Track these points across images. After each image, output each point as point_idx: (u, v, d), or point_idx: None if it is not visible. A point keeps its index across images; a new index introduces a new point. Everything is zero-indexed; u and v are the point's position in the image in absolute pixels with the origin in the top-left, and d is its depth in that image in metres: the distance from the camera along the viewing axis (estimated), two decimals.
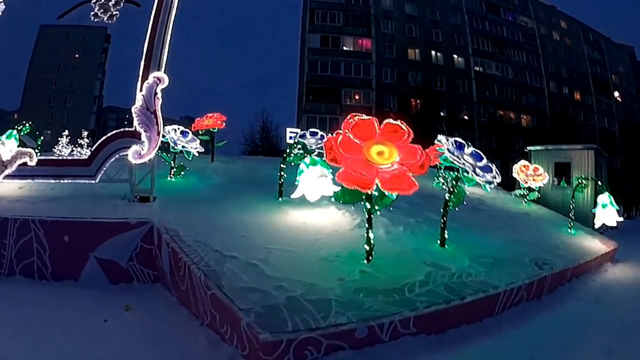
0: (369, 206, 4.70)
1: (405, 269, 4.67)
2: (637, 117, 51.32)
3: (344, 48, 45.01)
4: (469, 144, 5.83)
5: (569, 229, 9.22)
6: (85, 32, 53.21)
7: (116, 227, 5.12)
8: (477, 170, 5.47)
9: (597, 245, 8.64)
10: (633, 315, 5.10)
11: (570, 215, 9.53)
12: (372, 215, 4.76)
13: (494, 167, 5.76)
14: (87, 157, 6.25)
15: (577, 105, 51.23)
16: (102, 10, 6.79)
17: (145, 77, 6.01)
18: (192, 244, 4.49)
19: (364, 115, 4.81)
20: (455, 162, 5.33)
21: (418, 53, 46.36)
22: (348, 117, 4.73)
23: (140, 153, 5.84)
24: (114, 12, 6.82)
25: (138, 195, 5.97)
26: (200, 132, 9.70)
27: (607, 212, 8.51)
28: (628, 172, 34.13)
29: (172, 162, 7.81)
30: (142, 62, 6.16)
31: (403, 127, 4.82)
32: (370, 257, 4.71)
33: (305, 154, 5.74)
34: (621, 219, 8.80)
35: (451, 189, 5.72)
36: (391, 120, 4.82)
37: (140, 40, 6.34)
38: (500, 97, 47.17)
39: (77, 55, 54.89)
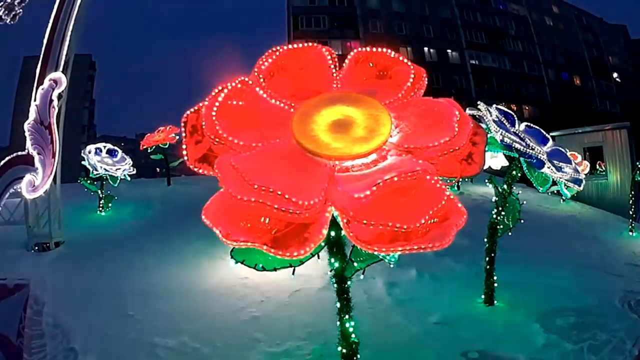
0: (337, 265, 2.22)
1: None
2: (636, 96, 49.76)
3: None
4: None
5: (629, 232, 7.40)
6: None
7: None
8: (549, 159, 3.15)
9: None
10: None
11: (631, 212, 7.66)
12: (347, 283, 2.31)
13: (568, 153, 3.59)
14: None
15: (578, 91, 49.72)
16: (5, 12, 5.83)
17: (40, 82, 4.53)
18: (47, 330, 2.98)
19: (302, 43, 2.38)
20: (516, 145, 2.98)
21: (410, 51, 44.59)
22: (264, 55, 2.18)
23: (34, 184, 4.31)
24: (18, 11, 5.74)
25: (36, 243, 4.42)
26: (149, 150, 8.11)
27: None
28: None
29: (99, 191, 6.21)
30: (39, 64, 4.72)
31: (403, 60, 2.43)
32: None
33: None
34: None
35: (503, 202, 3.33)
36: (371, 48, 2.42)
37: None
38: (500, 90, 45.57)
39: None
